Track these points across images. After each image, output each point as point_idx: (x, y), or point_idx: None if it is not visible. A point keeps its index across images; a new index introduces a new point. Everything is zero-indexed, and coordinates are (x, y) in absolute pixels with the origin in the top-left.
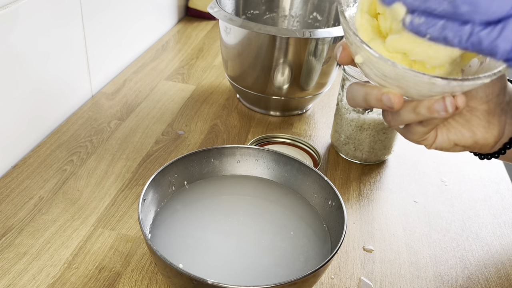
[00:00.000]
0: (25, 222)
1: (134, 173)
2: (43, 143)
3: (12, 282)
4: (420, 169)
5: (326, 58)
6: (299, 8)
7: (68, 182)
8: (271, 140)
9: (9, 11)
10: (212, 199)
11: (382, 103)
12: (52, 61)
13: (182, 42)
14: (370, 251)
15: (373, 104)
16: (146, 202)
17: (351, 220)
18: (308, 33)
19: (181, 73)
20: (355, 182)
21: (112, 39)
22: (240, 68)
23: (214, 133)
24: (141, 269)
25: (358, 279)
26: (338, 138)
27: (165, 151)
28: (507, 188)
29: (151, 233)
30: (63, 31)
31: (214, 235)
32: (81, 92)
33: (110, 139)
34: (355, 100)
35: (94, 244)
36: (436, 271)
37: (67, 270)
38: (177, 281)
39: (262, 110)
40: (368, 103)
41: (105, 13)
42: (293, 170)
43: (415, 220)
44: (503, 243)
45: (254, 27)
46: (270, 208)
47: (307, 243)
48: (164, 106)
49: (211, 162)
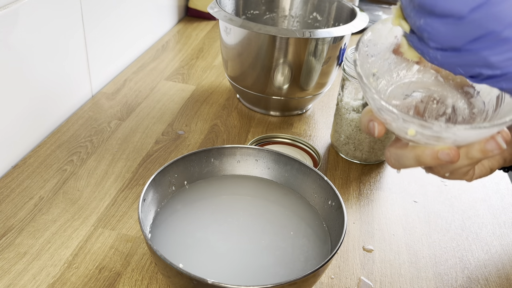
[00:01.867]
0: (25, 222)
1: (134, 173)
2: (43, 143)
3: (12, 282)
4: (420, 169)
5: (326, 58)
6: (299, 8)
7: (68, 182)
8: (271, 140)
9: (9, 11)
10: (212, 199)
11: (440, 160)
12: (52, 61)
13: (182, 42)
14: (370, 251)
15: (429, 163)
16: (146, 202)
17: (351, 220)
18: (308, 33)
19: (181, 73)
20: (355, 182)
21: (112, 39)
22: (240, 68)
23: (214, 133)
24: (141, 269)
25: (358, 279)
26: (338, 138)
27: (165, 151)
28: (507, 188)
29: (151, 233)
30: (63, 31)
31: (214, 235)
32: (81, 92)
33: (110, 139)
34: (402, 164)
35: (94, 244)
36: (436, 271)
37: (67, 270)
38: (177, 281)
39: (262, 110)
40: (422, 164)
41: (105, 13)
42: (293, 170)
43: (415, 220)
44: (503, 243)
45: (254, 27)
46: (270, 208)
47: (307, 243)
48: (164, 106)
49: (211, 162)
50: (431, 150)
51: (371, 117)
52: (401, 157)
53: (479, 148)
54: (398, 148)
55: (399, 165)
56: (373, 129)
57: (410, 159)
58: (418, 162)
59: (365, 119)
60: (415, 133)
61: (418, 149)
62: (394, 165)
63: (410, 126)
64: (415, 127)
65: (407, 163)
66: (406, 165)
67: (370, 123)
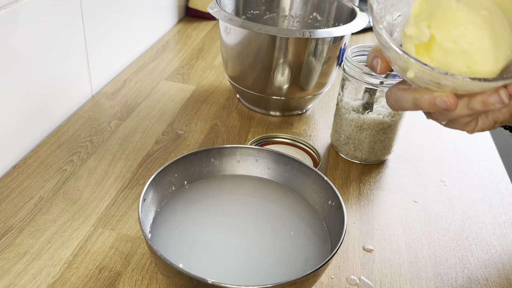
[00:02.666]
0: (25, 222)
1: (134, 173)
2: (43, 143)
3: (12, 282)
4: (420, 169)
5: (326, 58)
6: (299, 8)
7: (68, 182)
8: (271, 140)
9: (9, 11)
10: (212, 199)
11: (437, 106)
12: (52, 61)
13: (182, 42)
14: (370, 251)
15: (425, 108)
16: (146, 202)
17: (351, 220)
18: (308, 33)
19: (181, 73)
20: (355, 182)
21: (112, 39)
22: (240, 68)
23: (214, 133)
24: (141, 269)
25: (358, 279)
26: (338, 138)
27: (165, 151)
28: (506, 188)
29: (151, 233)
30: (63, 31)
31: (214, 235)
32: (81, 92)
33: (110, 139)
34: (400, 105)
35: (95, 244)
36: (436, 271)
37: (68, 270)
38: (177, 281)
39: (262, 110)
40: (419, 108)
41: (105, 13)
42: (293, 170)
43: (414, 220)
44: (503, 243)
45: (254, 27)
46: (270, 208)
47: (307, 243)
48: (164, 106)
49: (211, 162)
50: (429, 95)
51: (377, 53)
52: (400, 99)
53: (481, 100)
54: (399, 89)
55: (397, 106)
56: (376, 66)
57: (408, 102)
58: (416, 105)
59: (371, 55)
60: (414, 76)
61: (417, 92)
62: (393, 105)
63: (410, 67)
64: (415, 69)
65: (405, 105)
66: (404, 107)
67: (374, 60)
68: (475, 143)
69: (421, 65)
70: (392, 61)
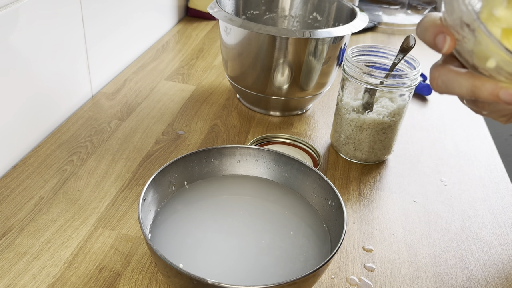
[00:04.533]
0: (25, 222)
1: (134, 173)
2: (43, 143)
3: (12, 282)
4: (420, 169)
5: (326, 58)
6: (299, 8)
7: (68, 182)
8: (271, 140)
9: (9, 11)
10: (212, 199)
11: (499, 99)
12: (52, 61)
13: (182, 42)
14: (370, 251)
15: (484, 98)
16: (146, 202)
17: (351, 220)
18: (308, 33)
19: (181, 73)
20: (355, 182)
21: (112, 39)
22: (240, 68)
23: (214, 133)
24: (141, 269)
25: (358, 279)
26: (338, 138)
27: (165, 151)
28: (506, 188)
29: (151, 233)
30: (63, 31)
31: (214, 235)
32: (81, 92)
33: (110, 139)
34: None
35: (94, 244)
36: (436, 271)
37: (68, 270)
38: (177, 281)
39: (262, 110)
40: (475, 96)
41: (105, 13)
42: (293, 170)
43: (414, 220)
44: (503, 243)
45: (254, 27)
46: (270, 208)
47: (306, 243)
48: (164, 106)
49: (211, 162)
50: (493, 85)
51: (442, 29)
52: (453, 82)
53: None
54: (451, 71)
55: (446, 89)
56: (442, 43)
57: (462, 87)
58: (472, 93)
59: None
60: (495, 66)
61: (478, 80)
62: (439, 87)
63: (494, 56)
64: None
65: (457, 90)
66: (455, 92)
67: (439, 36)
68: (475, 143)
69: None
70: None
